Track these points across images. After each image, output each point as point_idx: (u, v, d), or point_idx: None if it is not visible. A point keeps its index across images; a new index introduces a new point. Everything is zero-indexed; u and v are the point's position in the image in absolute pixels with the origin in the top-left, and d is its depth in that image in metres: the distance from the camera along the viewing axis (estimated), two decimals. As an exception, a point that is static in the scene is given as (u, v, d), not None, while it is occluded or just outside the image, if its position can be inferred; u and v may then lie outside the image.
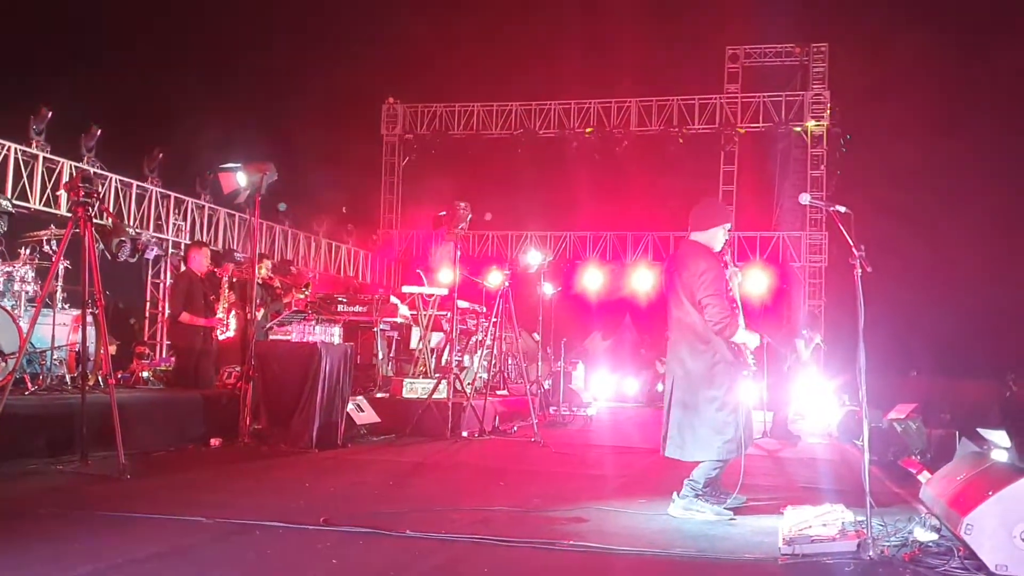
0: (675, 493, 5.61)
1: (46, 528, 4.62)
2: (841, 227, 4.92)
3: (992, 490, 4.32)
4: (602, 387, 20.11)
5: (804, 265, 23.78)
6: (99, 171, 15.51)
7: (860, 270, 4.75)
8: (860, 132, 34.29)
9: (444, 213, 10.89)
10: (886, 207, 36.30)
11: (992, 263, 39.38)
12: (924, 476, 7.08)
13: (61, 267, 8.20)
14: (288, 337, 8.92)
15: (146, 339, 16.95)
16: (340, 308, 12.79)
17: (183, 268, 10.23)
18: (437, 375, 11.33)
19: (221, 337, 9.99)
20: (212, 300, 10.11)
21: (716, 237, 5.89)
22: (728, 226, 5.97)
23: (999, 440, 6.52)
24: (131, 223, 16.48)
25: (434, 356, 13.03)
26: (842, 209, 5.05)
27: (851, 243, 4.79)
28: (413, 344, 13.34)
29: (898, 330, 39.54)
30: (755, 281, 22.35)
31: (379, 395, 11.45)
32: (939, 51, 36.76)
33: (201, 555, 4.27)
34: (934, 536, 4.60)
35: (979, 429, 7.82)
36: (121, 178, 16.74)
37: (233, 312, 10.15)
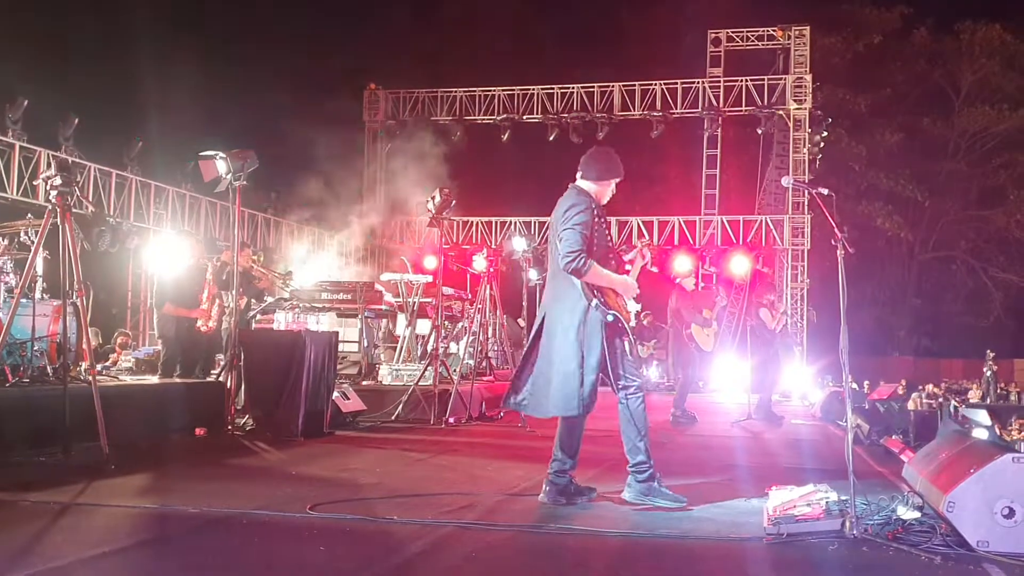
0: (629, 479, 5.31)
1: (29, 519, 4.59)
2: (824, 209, 4.93)
3: (973, 468, 4.36)
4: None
5: (787, 248, 23.86)
6: (77, 160, 15.38)
7: (842, 251, 4.76)
8: (843, 114, 34.50)
9: (429, 200, 10.85)
10: (869, 189, 36.54)
11: (972, 244, 39.69)
12: (906, 455, 7.14)
13: (40, 257, 8.12)
14: (272, 325, 8.89)
15: (128, 329, 16.87)
16: (324, 296, 12.77)
17: (167, 258, 10.16)
18: (423, 362, 11.33)
19: (204, 329, 9.93)
20: (196, 291, 10.04)
21: (605, 190, 5.53)
22: (619, 180, 5.59)
23: (980, 419, 6.58)
24: (111, 212, 16.37)
25: (420, 343, 13.03)
26: (824, 191, 5.05)
27: (834, 225, 4.79)
28: (399, 331, 13.34)
29: (881, 311, 39.97)
30: (737, 264, 22.45)
31: (365, 382, 11.45)
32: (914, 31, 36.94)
33: (186, 544, 4.26)
34: (917, 514, 4.63)
35: (960, 408, 7.88)
36: (100, 167, 16.61)
37: (216, 303, 10.08)
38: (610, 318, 5.18)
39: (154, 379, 9.65)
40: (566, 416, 5.28)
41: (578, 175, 5.54)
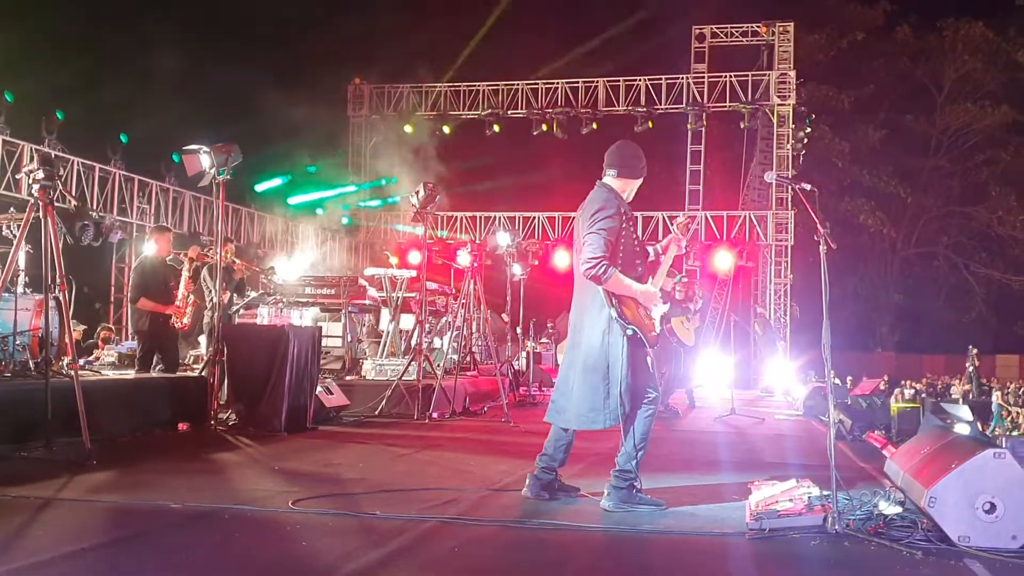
0: (607, 485, 5.09)
1: (10, 514, 4.56)
2: (807, 205, 4.94)
3: (955, 463, 4.39)
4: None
5: (770, 244, 23.95)
6: (60, 154, 15.27)
7: (825, 247, 4.78)
8: (826, 110, 34.63)
9: (413, 194, 10.83)
10: (852, 185, 36.70)
11: (954, 240, 39.94)
12: (889, 451, 7.19)
13: (23, 251, 8.06)
14: (255, 320, 8.86)
15: (111, 323, 16.77)
16: (308, 291, 12.73)
17: (145, 252, 10.08)
18: (407, 357, 11.31)
19: (178, 326, 9.86)
20: (172, 286, 9.97)
21: (634, 187, 5.30)
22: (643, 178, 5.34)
23: (962, 414, 6.65)
24: (94, 206, 16.26)
25: (404, 338, 13.01)
26: (807, 187, 5.06)
27: (817, 220, 4.81)
28: (382, 326, 13.31)
29: (864, 306, 40.17)
30: (721, 260, 22.61)
31: (348, 377, 11.42)
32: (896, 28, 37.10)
33: (168, 539, 4.24)
34: (898, 509, 4.67)
35: (942, 403, 7.95)
36: (83, 161, 16.50)
37: (191, 298, 10.00)
38: (629, 332, 4.95)
39: (137, 374, 9.58)
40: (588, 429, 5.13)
41: (607, 172, 5.26)
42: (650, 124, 24.04)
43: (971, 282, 39.83)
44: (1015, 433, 9.86)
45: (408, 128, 24.95)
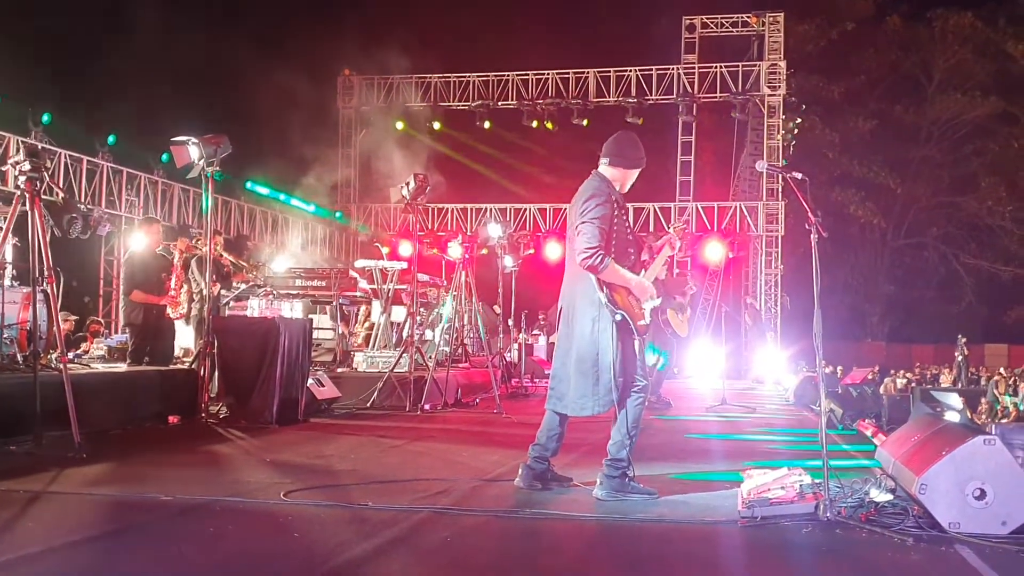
0: (600, 474, 5.11)
1: (-1, 508, 4.54)
2: (797, 193, 4.94)
3: (945, 450, 4.40)
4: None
5: (761, 235, 23.98)
6: (47, 146, 15.18)
7: (816, 235, 4.78)
8: (817, 101, 34.65)
9: (403, 185, 10.79)
10: (842, 176, 36.76)
11: (944, 230, 40.06)
12: (879, 439, 7.21)
13: (10, 244, 8.01)
14: (245, 312, 8.82)
15: (100, 316, 16.70)
16: (298, 283, 12.68)
17: (136, 244, 10.02)
18: (398, 348, 11.29)
19: (173, 315, 9.81)
20: (164, 277, 9.93)
21: (629, 178, 5.34)
22: (642, 168, 5.38)
23: (952, 402, 6.66)
24: (82, 199, 16.17)
25: (395, 330, 12.99)
26: (798, 176, 5.05)
27: (807, 209, 4.81)
28: (374, 318, 13.29)
29: (854, 297, 40.28)
30: (712, 251, 22.66)
31: (340, 369, 11.40)
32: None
33: (159, 532, 4.22)
34: (889, 497, 4.68)
35: (933, 391, 7.98)
36: (71, 153, 16.41)
37: (184, 289, 9.96)
38: (618, 318, 4.99)
39: (126, 367, 9.53)
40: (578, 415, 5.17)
41: (601, 161, 5.30)
42: (640, 121, 24.02)
43: (960, 272, 39.99)
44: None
45: (399, 124, 24.92)
